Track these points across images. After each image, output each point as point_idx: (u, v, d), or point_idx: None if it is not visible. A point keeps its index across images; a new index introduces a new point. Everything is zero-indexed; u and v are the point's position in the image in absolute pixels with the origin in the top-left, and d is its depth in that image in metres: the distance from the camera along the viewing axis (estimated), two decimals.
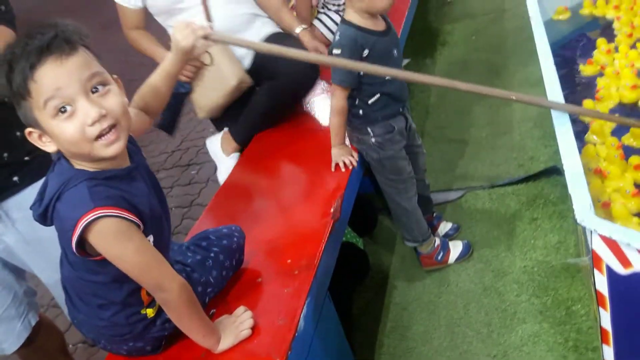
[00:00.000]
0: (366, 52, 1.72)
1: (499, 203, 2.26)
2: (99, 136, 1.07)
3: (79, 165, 1.12)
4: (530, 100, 1.62)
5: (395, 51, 1.82)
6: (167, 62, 1.37)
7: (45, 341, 1.85)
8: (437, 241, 2.04)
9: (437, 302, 1.94)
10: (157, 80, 1.36)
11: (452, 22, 4.09)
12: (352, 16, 1.74)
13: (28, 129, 1.10)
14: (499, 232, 2.12)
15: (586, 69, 1.91)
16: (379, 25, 1.77)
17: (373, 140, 1.85)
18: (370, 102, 1.80)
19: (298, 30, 2.32)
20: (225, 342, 1.29)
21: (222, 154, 2.32)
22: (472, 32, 3.84)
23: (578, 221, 1.11)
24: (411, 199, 1.94)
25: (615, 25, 2.07)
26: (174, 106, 2.25)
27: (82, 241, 1.08)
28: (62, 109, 1.05)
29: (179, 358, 1.32)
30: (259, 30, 2.26)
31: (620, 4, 2.17)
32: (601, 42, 1.97)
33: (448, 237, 2.14)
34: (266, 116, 2.22)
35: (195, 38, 1.34)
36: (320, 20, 2.85)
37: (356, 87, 1.77)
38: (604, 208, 1.37)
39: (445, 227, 2.17)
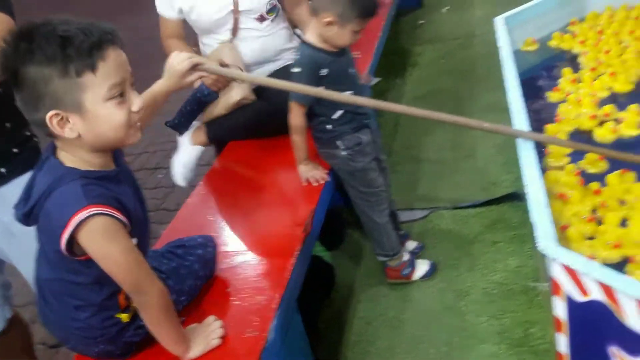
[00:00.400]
0: (324, 71, 1.80)
1: (462, 224, 2.34)
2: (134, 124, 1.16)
3: (70, 163, 1.13)
4: (498, 129, 1.70)
5: (350, 70, 1.90)
6: (157, 84, 1.45)
7: (16, 337, 1.81)
8: (406, 257, 2.10)
9: (400, 318, 1.99)
10: (155, 100, 1.44)
11: (423, 44, 4.21)
12: (311, 37, 1.82)
13: (53, 111, 1.08)
14: (461, 253, 2.19)
15: (552, 96, 2.04)
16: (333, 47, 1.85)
17: (344, 153, 1.91)
18: (334, 117, 1.87)
19: None
20: (195, 351, 1.30)
21: (187, 141, 2.36)
22: (442, 55, 3.95)
23: (540, 249, 1.17)
24: (382, 212, 2.00)
25: (581, 59, 2.19)
26: (196, 111, 2.29)
27: (71, 239, 1.09)
28: (120, 94, 1.11)
29: None
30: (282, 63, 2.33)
31: (585, 40, 2.29)
32: (567, 72, 2.09)
33: (412, 255, 2.20)
34: (246, 130, 2.25)
35: (189, 64, 1.45)
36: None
37: (316, 104, 1.84)
38: (562, 230, 1.45)
39: (410, 245, 2.23)
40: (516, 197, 2.36)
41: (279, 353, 1.40)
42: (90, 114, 1.09)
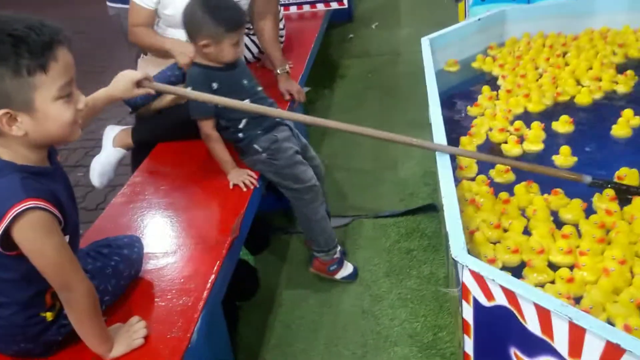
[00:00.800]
0: (215, 85, 1.90)
1: (381, 232, 2.45)
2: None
3: (7, 157, 1.13)
4: (423, 145, 1.82)
5: (245, 81, 1.99)
6: (101, 91, 1.56)
7: None
8: (337, 254, 2.18)
9: (319, 321, 2.06)
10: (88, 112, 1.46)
11: (351, 57, 4.34)
12: (200, 59, 1.92)
13: (3, 110, 1.08)
14: (379, 259, 2.29)
15: (471, 110, 2.24)
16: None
17: (264, 155, 1.98)
18: (240, 126, 1.96)
19: (280, 70, 2.52)
20: (117, 350, 1.31)
21: (110, 143, 2.36)
22: (368, 69, 4.10)
23: (453, 256, 1.27)
24: (317, 209, 2.06)
25: (500, 81, 2.37)
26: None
27: (4, 233, 1.08)
28: (68, 94, 1.12)
29: None
30: None
31: (504, 63, 2.48)
32: (486, 89, 2.28)
33: (343, 255, 2.27)
34: (176, 129, 2.24)
35: (133, 93, 1.61)
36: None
37: (220, 118, 1.93)
38: (470, 234, 1.59)
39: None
40: (432, 208, 2.50)
41: (201, 355, 1.42)
42: (40, 113, 1.10)
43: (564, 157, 1.88)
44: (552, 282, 1.43)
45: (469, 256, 1.25)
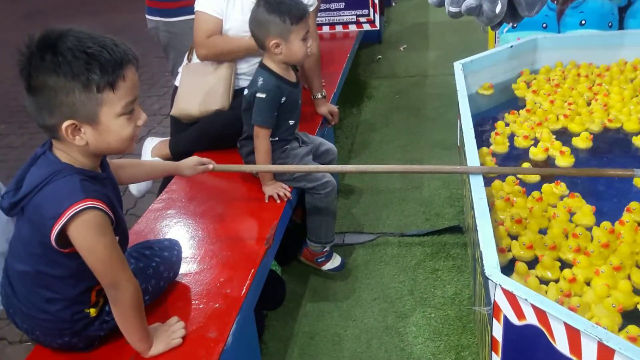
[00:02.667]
0: (283, 99, 1.96)
1: (406, 251, 2.49)
2: None
3: (66, 160, 1.20)
4: (455, 170, 1.87)
5: (299, 101, 2.09)
6: (166, 164, 1.84)
7: None
8: (328, 248, 2.29)
9: (342, 335, 2.09)
10: (150, 172, 1.72)
11: (378, 78, 4.41)
12: (271, 64, 1.97)
13: (70, 121, 1.15)
14: (404, 277, 2.33)
15: (507, 117, 2.38)
16: (292, 77, 2.03)
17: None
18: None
19: (320, 95, 2.63)
20: (157, 348, 1.36)
21: (148, 153, 2.45)
22: (396, 91, 4.16)
23: (486, 274, 1.31)
24: (331, 202, 2.15)
25: (547, 106, 2.38)
26: None
27: (60, 231, 1.14)
28: (131, 111, 1.19)
29: (109, 357, 1.37)
30: None
31: (538, 89, 2.52)
32: (529, 102, 2.43)
33: (332, 248, 2.35)
34: (211, 138, 2.33)
35: (202, 170, 1.77)
36: None
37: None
38: (500, 253, 1.62)
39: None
40: (457, 230, 2.54)
41: (235, 356, 1.47)
42: (103, 126, 1.18)
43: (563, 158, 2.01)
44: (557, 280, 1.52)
45: (502, 275, 1.29)
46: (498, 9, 1.78)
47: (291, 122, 2.05)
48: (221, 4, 2.32)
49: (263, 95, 1.92)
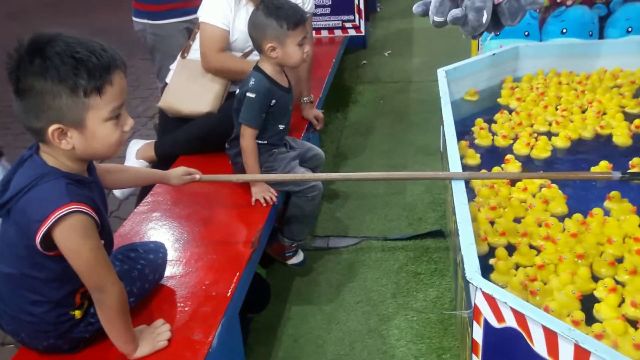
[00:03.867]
0: (273, 102, 1.99)
1: (389, 254, 2.52)
2: None
3: (52, 164, 1.21)
4: (438, 176, 1.91)
5: (290, 107, 2.12)
6: (155, 173, 1.82)
7: None
8: (296, 244, 2.34)
9: (326, 337, 2.11)
10: (137, 179, 1.74)
11: (363, 83, 4.45)
12: (266, 66, 2.00)
13: (56, 125, 1.15)
14: (387, 280, 2.36)
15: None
16: (285, 82, 2.06)
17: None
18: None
19: (306, 100, 2.65)
20: (142, 350, 1.37)
21: (133, 155, 2.45)
22: (380, 96, 4.20)
23: (467, 278, 1.34)
24: (315, 205, 2.19)
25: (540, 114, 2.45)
26: None
27: (45, 234, 1.15)
28: (117, 116, 1.19)
29: (94, 359, 1.37)
30: None
31: (522, 97, 2.58)
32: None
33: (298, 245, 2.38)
34: (198, 140, 2.34)
35: (189, 180, 1.79)
36: None
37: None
38: (482, 241, 1.74)
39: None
40: (440, 234, 2.57)
41: (220, 359, 1.48)
42: (89, 131, 1.18)
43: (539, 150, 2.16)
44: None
45: (483, 279, 1.32)
46: (484, 19, 1.83)
47: (281, 127, 2.07)
48: (228, 15, 2.32)
49: (253, 95, 1.95)
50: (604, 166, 1.99)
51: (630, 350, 1.33)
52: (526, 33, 3.00)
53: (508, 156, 2.13)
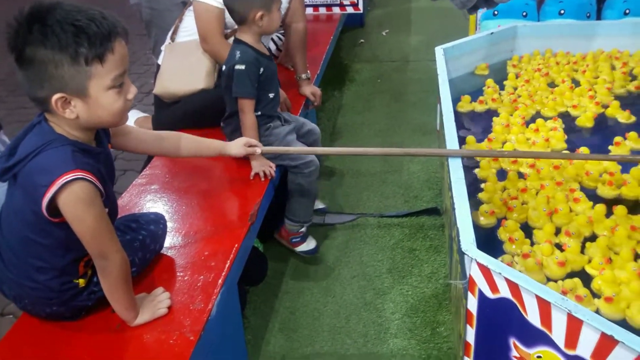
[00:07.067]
0: (262, 70, 2.01)
1: (385, 231, 2.54)
2: None
3: (60, 131, 1.21)
4: (434, 153, 1.93)
5: (276, 74, 2.13)
6: (219, 144, 1.78)
7: None
8: (304, 229, 2.32)
9: (322, 310, 2.15)
10: (202, 148, 1.73)
11: (361, 62, 4.44)
12: (247, 37, 2.02)
13: (59, 94, 1.16)
14: (383, 256, 2.39)
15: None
16: (265, 50, 2.09)
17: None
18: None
19: (304, 76, 2.67)
20: (142, 317, 1.39)
21: (131, 124, 2.42)
22: (378, 74, 4.20)
23: (462, 249, 1.37)
24: (312, 182, 2.19)
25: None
26: None
27: (51, 200, 1.16)
28: (120, 84, 1.19)
29: (95, 326, 1.40)
30: None
31: (531, 79, 2.58)
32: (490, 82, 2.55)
33: (308, 230, 2.38)
34: (195, 115, 2.35)
35: (242, 151, 1.83)
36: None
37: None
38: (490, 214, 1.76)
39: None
40: (435, 212, 2.60)
41: (218, 329, 1.51)
42: (92, 99, 1.19)
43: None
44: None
45: (478, 250, 1.35)
46: None
47: (271, 95, 2.08)
48: None
49: (242, 67, 1.95)
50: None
51: (555, 267, 1.51)
52: (524, 13, 3.01)
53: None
